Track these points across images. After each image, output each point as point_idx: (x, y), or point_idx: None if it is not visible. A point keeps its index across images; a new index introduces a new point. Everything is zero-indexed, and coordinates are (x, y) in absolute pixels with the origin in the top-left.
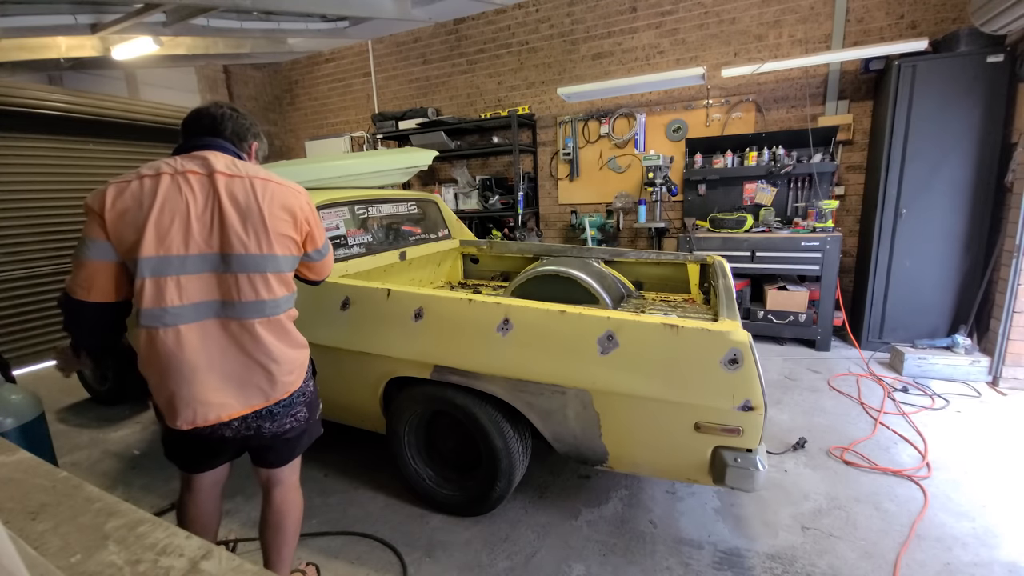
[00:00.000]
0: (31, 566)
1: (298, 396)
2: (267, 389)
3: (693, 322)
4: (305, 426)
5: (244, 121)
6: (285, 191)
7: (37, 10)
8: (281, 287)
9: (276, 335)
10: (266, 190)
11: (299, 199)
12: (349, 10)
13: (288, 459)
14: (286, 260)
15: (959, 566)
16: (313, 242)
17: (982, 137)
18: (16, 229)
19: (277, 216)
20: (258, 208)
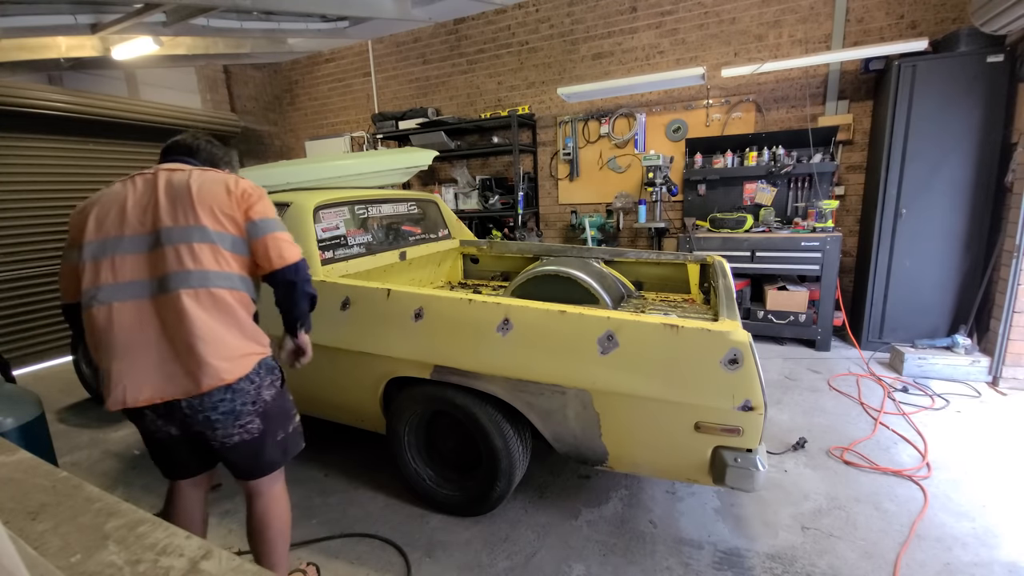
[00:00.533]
0: (31, 566)
1: (244, 403)
2: (195, 371)
3: (693, 322)
4: (261, 439)
5: (217, 151)
6: (220, 174)
7: (37, 10)
8: (213, 261)
9: (206, 310)
10: (202, 176)
11: (233, 177)
12: (349, 10)
13: (254, 473)
14: (218, 234)
15: (959, 566)
16: (251, 215)
17: (982, 137)
18: (16, 229)
19: (206, 190)
20: (187, 188)
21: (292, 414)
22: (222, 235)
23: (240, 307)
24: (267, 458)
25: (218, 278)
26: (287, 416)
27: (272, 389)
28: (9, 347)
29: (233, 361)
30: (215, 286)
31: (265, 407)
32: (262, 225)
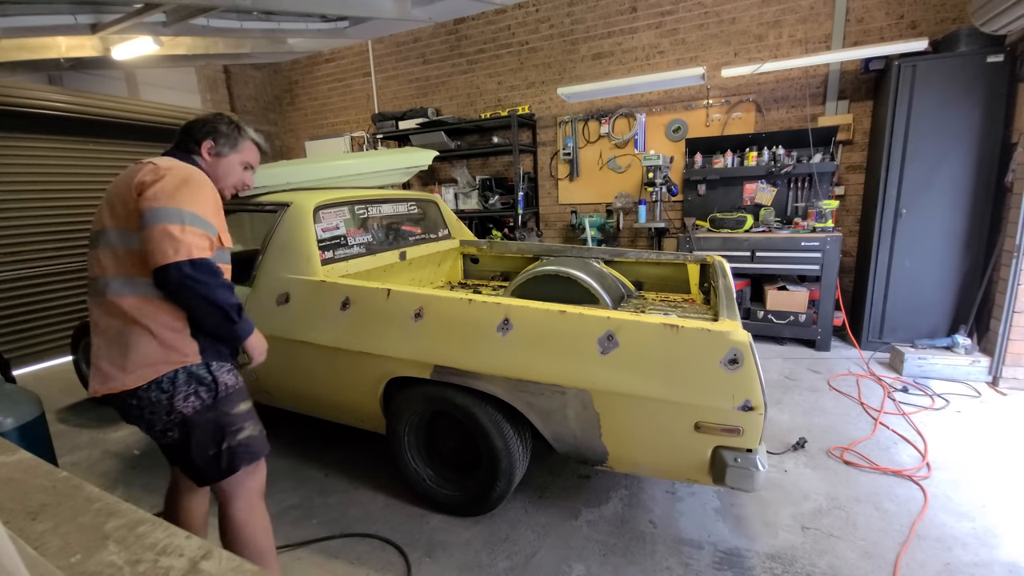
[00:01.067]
0: (31, 566)
1: (154, 412)
2: (96, 374)
3: (693, 322)
4: (185, 449)
5: (192, 133)
6: (144, 167)
7: (37, 10)
8: (113, 265)
9: (110, 317)
10: (131, 170)
11: (148, 168)
12: (349, 10)
13: (197, 480)
14: (119, 235)
15: (959, 566)
16: (140, 206)
17: (982, 137)
18: (16, 229)
19: (116, 185)
20: (110, 187)
21: (233, 429)
22: (124, 235)
23: (148, 314)
24: (200, 468)
25: (119, 284)
26: (221, 430)
27: (194, 401)
28: (9, 347)
29: (128, 372)
30: (116, 293)
31: (184, 419)
32: (146, 217)
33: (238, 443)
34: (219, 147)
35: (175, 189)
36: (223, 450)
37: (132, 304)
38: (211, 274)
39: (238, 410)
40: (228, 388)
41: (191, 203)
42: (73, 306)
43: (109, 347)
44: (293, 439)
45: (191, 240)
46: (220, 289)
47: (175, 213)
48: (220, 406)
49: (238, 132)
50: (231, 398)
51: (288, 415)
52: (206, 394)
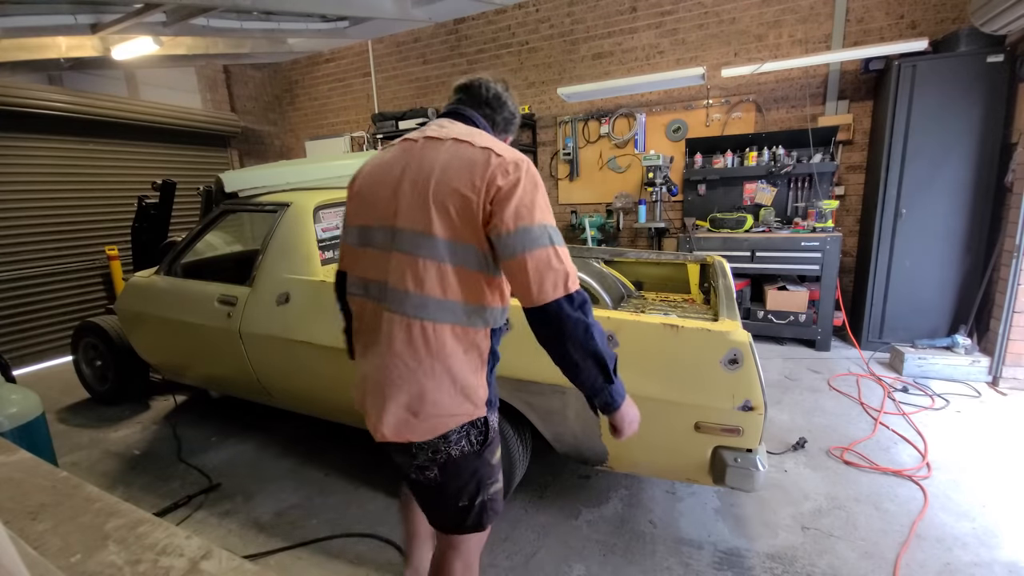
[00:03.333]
0: (31, 566)
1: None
2: (380, 413)
3: (693, 322)
4: (438, 491)
5: (507, 104)
6: (477, 149)
7: (37, 10)
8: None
9: (413, 349)
10: (455, 151)
11: (486, 155)
12: (349, 10)
13: (432, 521)
14: (453, 247)
15: (959, 566)
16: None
17: (982, 137)
18: (16, 229)
19: (451, 177)
20: (429, 173)
21: (489, 481)
22: (458, 247)
23: (463, 352)
24: (448, 516)
25: (442, 310)
26: (479, 482)
27: (464, 444)
28: (9, 347)
29: (421, 421)
30: (433, 319)
31: (448, 460)
32: (514, 240)
33: (490, 497)
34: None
35: (533, 198)
36: (475, 503)
37: (448, 336)
38: (589, 312)
39: (496, 459)
40: (493, 432)
41: (549, 214)
42: (73, 306)
43: (401, 383)
44: (293, 439)
45: (568, 267)
46: (600, 335)
47: (544, 233)
48: (485, 453)
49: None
50: (494, 443)
51: (288, 415)
52: (476, 437)
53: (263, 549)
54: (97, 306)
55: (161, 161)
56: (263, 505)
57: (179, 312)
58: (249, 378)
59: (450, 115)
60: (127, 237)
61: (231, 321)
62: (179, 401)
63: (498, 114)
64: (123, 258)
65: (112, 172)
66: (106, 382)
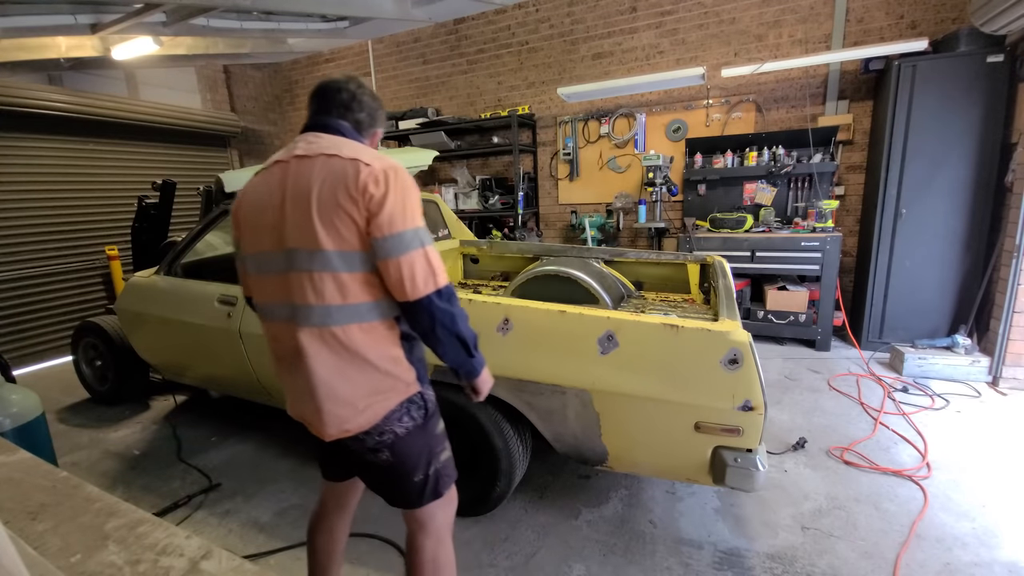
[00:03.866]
0: (31, 566)
1: (369, 433)
2: (319, 417)
3: (693, 322)
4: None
5: (366, 108)
6: (346, 161)
7: (37, 10)
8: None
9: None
10: (327, 167)
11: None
12: (349, 10)
13: (394, 502)
14: (342, 256)
15: (959, 566)
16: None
17: (982, 137)
18: (16, 229)
19: (327, 193)
20: (307, 193)
21: (438, 450)
22: (347, 255)
23: (374, 342)
24: (407, 491)
25: (346, 314)
26: (430, 453)
27: (407, 421)
28: (9, 347)
29: (362, 411)
30: (340, 323)
31: (395, 439)
32: (388, 246)
33: (442, 465)
34: (379, 138)
35: (405, 203)
36: (429, 474)
37: (357, 334)
38: (455, 302)
39: (440, 427)
40: (431, 404)
41: (419, 216)
42: (73, 306)
43: (336, 387)
44: (293, 439)
45: (436, 264)
46: (463, 321)
47: (416, 237)
48: (428, 425)
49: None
50: (435, 414)
51: (288, 415)
52: (417, 412)
53: (263, 549)
54: (97, 306)
55: (161, 161)
56: (263, 505)
57: (179, 312)
58: (249, 378)
59: (315, 128)
60: (127, 237)
61: (231, 321)
62: (179, 401)
63: (358, 113)
64: (123, 258)
65: (112, 172)
66: (106, 382)
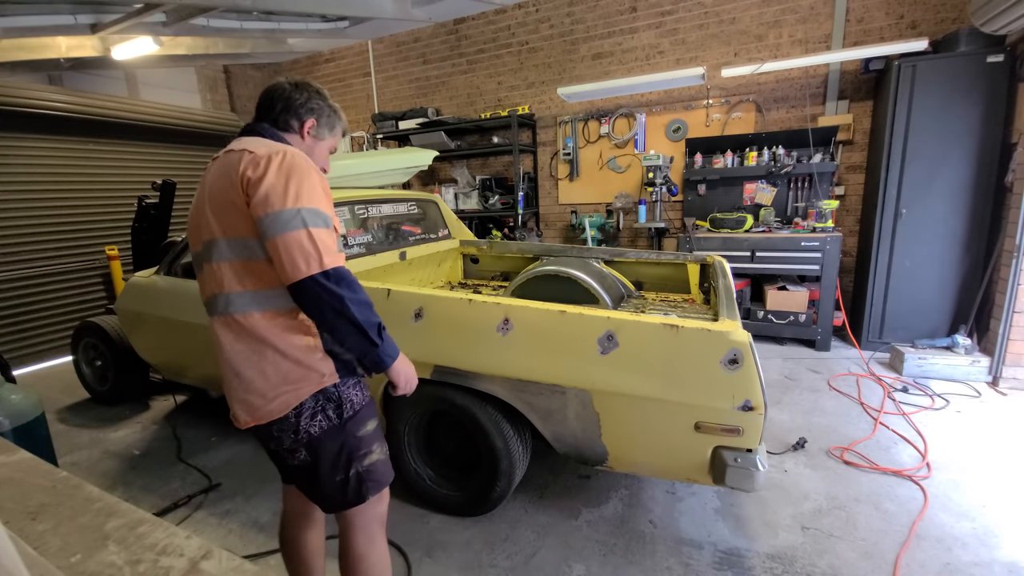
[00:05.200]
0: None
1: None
2: (234, 405)
3: (693, 322)
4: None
5: (295, 95)
6: (238, 156)
7: (37, 10)
8: (235, 280)
9: (239, 339)
10: (223, 165)
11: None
12: (349, 10)
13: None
14: (234, 243)
15: (959, 566)
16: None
17: (982, 137)
18: (16, 229)
19: (217, 187)
20: (206, 188)
21: (360, 453)
22: (240, 242)
23: (280, 330)
24: (327, 494)
25: (244, 301)
26: (349, 455)
27: (321, 420)
28: (9, 347)
29: (271, 400)
30: (241, 311)
31: (310, 439)
32: (265, 225)
33: (365, 469)
34: (320, 129)
35: (286, 184)
36: (350, 476)
37: (260, 322)
38: (346, 286)
39: (365, 431)
40: (355, 406)
41: (308, 197)
42: (73, 306)
43: (243, 373)
44: None
45: (321, 245)
46: (357, 305)
47: (295, 216)
48: (347, 427)
49: (336, 115)
50: (359, 417)
51: None
52: (333, 412)
53: (263, 549)
54: (97, 306)
55: (161, 161)
56: (263, 505)
57: (179, 312)
58: None
59: (243, 133)
60: (127, 237)
61: None
62: (179, 401)
63: (277, 111)
64: (123, 258)
65: (112, 172)
66: (106, 382)
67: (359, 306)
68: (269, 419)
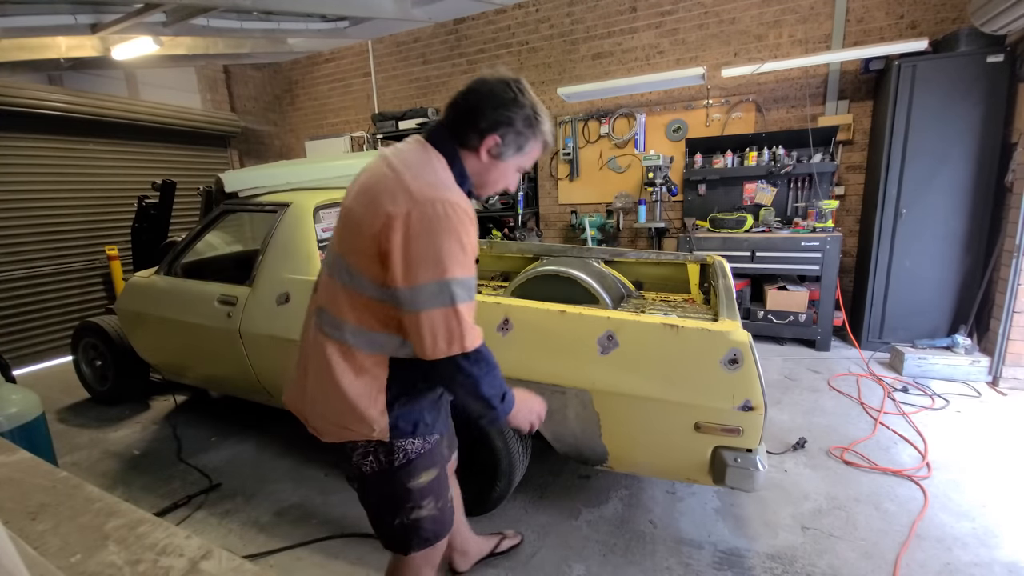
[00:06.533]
0: (31, 566)
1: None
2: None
3: (693, 322)
4: (365, 502)
5: (489, 102)
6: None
7: (37, 10)
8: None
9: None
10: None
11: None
12: (349, 10)
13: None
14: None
15: (959, 566)
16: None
17: (982, 137)
18: (16, 229)
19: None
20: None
21: (408, 506)
22: (356, 277)
23: (353, 371)
24: (377, 530)
25: (332, 325)
26: (396, 504)
27: (372, 461)
28: (9, 347)
29: (328, 423)
30: (331, 334)
31: (362, 475)
32: (402, 297)
33: (411, 522)
34: (503, 147)
35: (437, 249)
36: (395, 525)
37: (337, 353)
38: (484, 365)
39: (416, 483)
40: (408, 455)
41: (458, 265)
42: (73, 306)
43: (313, 388)
44: (293, 439)
45: (464, 324)
46: (488, 382)
47: (441, 292)
48: (397, 474)
49: (532, 131)
50: (411, 467)
51: (288, 415)
52: (384, 457)
53: (263, 549)
54: (97, 306)
55: (161, 161)
56: (263, 505)
57: (179, 312)
58: (249, 378)
59: (426, 137)
60: (127, 237)
61: (231, 321)
62: (179, 401)
63: (469, 125)
64: (123, 258)
65: (112, 172)
66: (106, 382)
67: (490, 382)
68: (328, 440)
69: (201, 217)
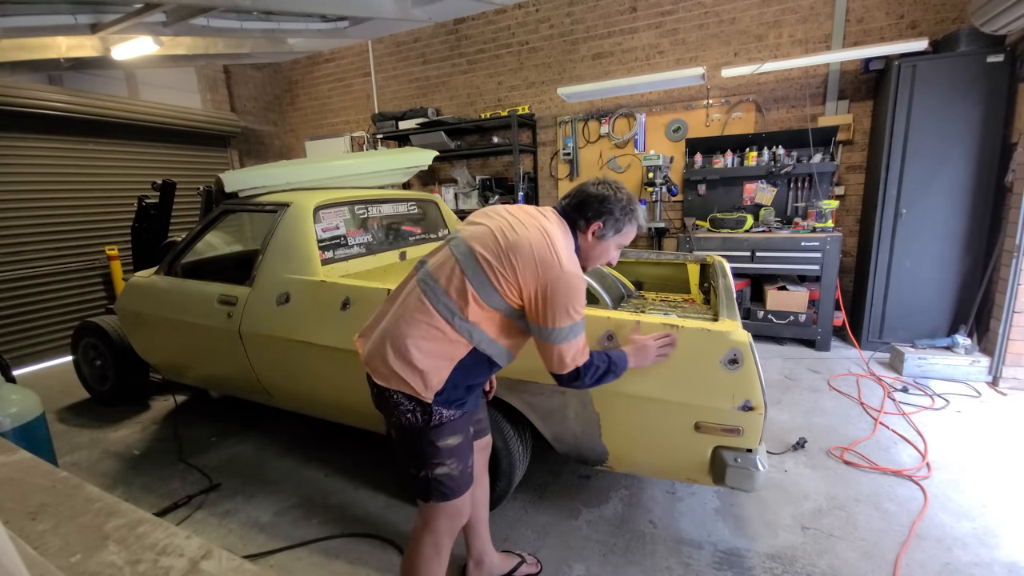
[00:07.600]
0: (31, 566)
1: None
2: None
3: (693, 322)
4: (397, 452)
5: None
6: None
7: (37, 10)
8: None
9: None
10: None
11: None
12: (349, 10)
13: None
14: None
15: (959, 566)
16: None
17: (982, 137)
18: (16, 229)
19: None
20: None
21: (434, 462)
22: (484, 283)
23: (429, 339)
24: (403, 475)
25: (439, 295)
26: (423, 457)
27: (410, 416)
28: (9, 347)
29: (383, 365)
30: (430, 298)
31: (399, 425)
32: (540, 332)
33: (435, 476)
34: (605, 230)
35: (567, 305)
36: (420, 476)
37: (426, 317)
38: (590, 374)
39: (445, 443)
40: (443, 417)
41: (579, 314)
42: (73, 306)
43: (386, 334)
44: (293, 439)
45: (579, 352)
46: (597, 373)
47: (568, 333)
48: (429, 433)
49: (628, 219)
50: (443, 429)
51: (288, 415)
52: (421, 415)
53: (263, 549)
54: (97, 306)
55: (161, 161)
56: (263, 505)
57: (179, 312)
58: (249, 378)
59: (557, 210)
60: (127, 237)
61: (231, 321)
62: (179, 401)
63: (580, 213)
64: (123, 258)
65: (112, 172)
66: (106, 382)
67: (600, 372)
68: (379, 381)
69: (201, 217)
